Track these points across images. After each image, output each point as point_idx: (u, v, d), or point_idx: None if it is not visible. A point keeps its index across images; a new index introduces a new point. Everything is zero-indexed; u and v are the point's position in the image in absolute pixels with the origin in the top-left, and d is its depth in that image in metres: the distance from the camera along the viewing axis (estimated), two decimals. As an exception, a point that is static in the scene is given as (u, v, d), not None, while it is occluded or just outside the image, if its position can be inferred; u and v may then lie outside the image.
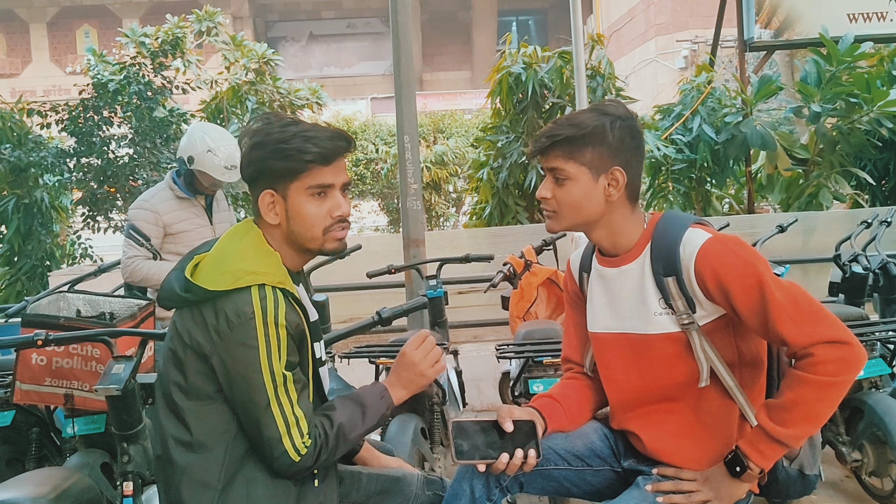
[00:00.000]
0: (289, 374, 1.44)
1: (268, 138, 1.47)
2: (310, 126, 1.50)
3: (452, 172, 11.76)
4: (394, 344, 3.19)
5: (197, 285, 1.42)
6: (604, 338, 1.64)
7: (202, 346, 1.41)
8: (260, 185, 1.50)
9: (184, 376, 1.45)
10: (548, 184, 1.57)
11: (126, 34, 9.32)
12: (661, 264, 1.53)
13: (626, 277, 1.59)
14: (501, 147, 6.64)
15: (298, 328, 1.48)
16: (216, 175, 3.18)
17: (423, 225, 4.51)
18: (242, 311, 1.40)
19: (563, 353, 1.80)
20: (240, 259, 1.45)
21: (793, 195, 6.74)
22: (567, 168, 1.54)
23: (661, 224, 1.59)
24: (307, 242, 1.53)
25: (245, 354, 1.40)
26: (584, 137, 1.53)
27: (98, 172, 5.99)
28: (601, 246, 1.62)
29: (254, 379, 1.40)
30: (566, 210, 1.56)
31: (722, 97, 6.53)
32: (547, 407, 1.63)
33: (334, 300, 4.24)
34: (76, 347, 2.46)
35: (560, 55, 6.24)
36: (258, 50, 11.17)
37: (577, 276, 1.75)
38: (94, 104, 6.04)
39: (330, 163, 1.50)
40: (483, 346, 4.99)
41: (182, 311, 1.47)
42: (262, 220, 1.52)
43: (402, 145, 4.33)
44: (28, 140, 5.87)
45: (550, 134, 1.54)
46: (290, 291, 1.47)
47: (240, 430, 1.46)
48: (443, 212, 12.34)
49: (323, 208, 1.51)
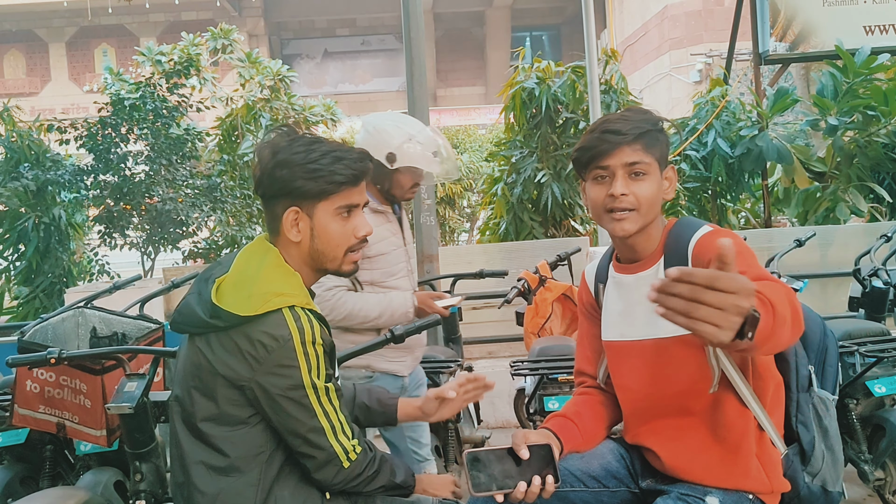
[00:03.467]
0: (329, 385, 1.45)
1: (295, 157, 1.46)
2: (336, 145, 1.51)
3: (466, 187, 11.77)
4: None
5: (226, 310, 1.40)
6: (618, 346, 1.62)
7: (237, 374, 1.40)
8: (283, 202, 1.49)
9: (215, 405, 1.43)
10: (621, 180, 1.52)
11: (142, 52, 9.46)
12: None
13: (642, 284, 1.57)
14: (515, 162, 6.63)
15: (330, 344, 1.49)
16: (425, 166, 2.43)
17: (437, 240, 4.50)
18: (279, 334, 1.39)
19: (577, 366, 1.78)
20: (265, 281, 1.44)
21: (810, 209, 6.66)
22: (647, 161, 1.52)
23: (674, 229, 1.58)
24: (327, 262, 1.53)
25: (286, 374, 1.40)
26: (659, 132, 1.54)
27: (114, 190, 6.05)
28: (632, 250, 1.60)
29: (297, 395, 1.41)
30: (646, 207, 1.54)
31: (737, 111, 6.49)
32: (562, 427, 1.60)
33: (348, 316, 4.23)
34: (66, 379, 2.48)
35: (573, 70, 6.24)
36: (273, 67, 11.27)
37: (592, 287, 1.74)
38: (112, 121, 6.11)
39: (358, 183, 1.52)
40: (497, 361, 4.96)
41: (205, 337, 1.45)
42: (281, 237, 1.52)
43: (416, 161, 4.32)
44: (46, 159, 5.95)
45: (630, 128, 1.52)
46: (316, 311, 1.48)
47: (274, 449, 1.47)
48: (457, 226, 12.33)
49: (348, 228, 1.52)
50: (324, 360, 1.44)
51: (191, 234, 6.67)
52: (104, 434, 2.49)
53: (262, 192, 1.52)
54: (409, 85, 4.36)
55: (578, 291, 1.79)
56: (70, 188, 5.88)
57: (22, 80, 26.67)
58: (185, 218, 6.10)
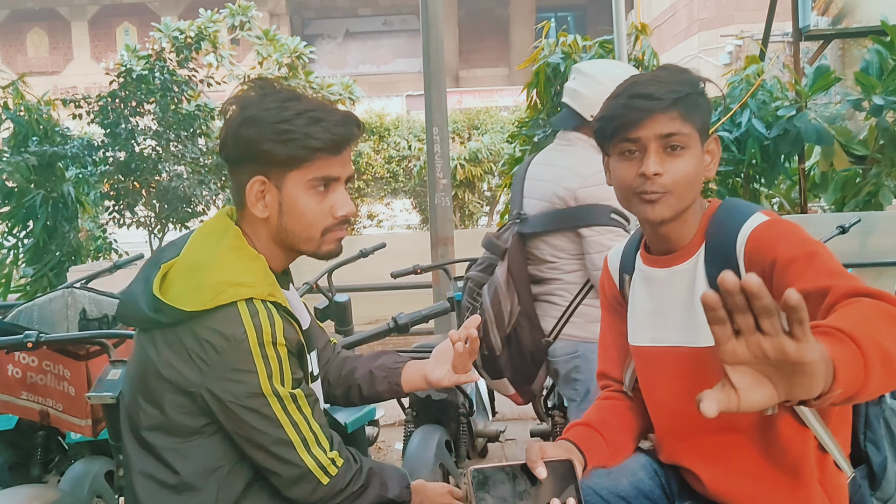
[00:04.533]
0: (297, 391, 1.21)
1: (265, 114, 1.21)
2: (315, 104, 1.25)
3: (487, 170, 11.49)
4: (417, 350, 2.96)
5: (168, 305, 1.17)
6: (648, 352, 1.37)
7: (184, 379, 1.18)
8: (248, 168, 1.25)
9: (161, 413, 1.20)
10: (654, 155, 1.25)
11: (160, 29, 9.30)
12: (715, 264, 1.26)
13: (676, 280, 1.32)
14: (538, 142, 6.35)
15: (298, 343, 1.25)
16: None
17: (452, 222, 4.29)
18: (231, 333, 1.16)
19: (599, 368, 1.53)
20: (219, 268, 1.21)
21: (849, 194, 6.32)
22: (686, 132, 1.25)
23: (718, 215, 1.31)
24: (300, 243, 1.29)
25: (240, 379, 1.17)
26: (699, 96, 1.27)
27: (121, 166, 5.90)
28: (665, 240, 1.34)
29: (256, 404, 1.18)
30: (683, 188, 1.26)
31: (774, 89, 6.14)
32: (585, 438, 1.36)
33: (357, 301, 4.03)
34: (49, 364, 2.31)
35: (601, 45, 5.92)
36: (290, 44, 11.06)
37: (616, 276, 1.48)
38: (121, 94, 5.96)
39: (339, 152, 1.26)
40: (515, 350, 4.74)
41: (150, 333, 1.22)
42: (246, 211, 1.28)
43: (431, 137, 4.10)
44: (55, 133, 5.81)
45: (664, 92, 1.23)
46: (281, 305, 1.23)
47: (237, 463, 1.23)
48: (476, 210, 12.08)
49: (325, 205, 1.27)
50: (288, 364, 1.21)
51: (199, 212, 6.49)
52: (90, 423, 2.32)
53: (225, 155, 1.28)
54: (425, 57, 4.13)
55: (600, 280, 1.54)
56: (75, 163, 5.74)
57: (45, 58, 26.74)
58: (193, 196, 5.93)
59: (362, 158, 12.03)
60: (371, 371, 1.52)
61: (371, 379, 1.51)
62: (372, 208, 13.06)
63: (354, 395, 1.53)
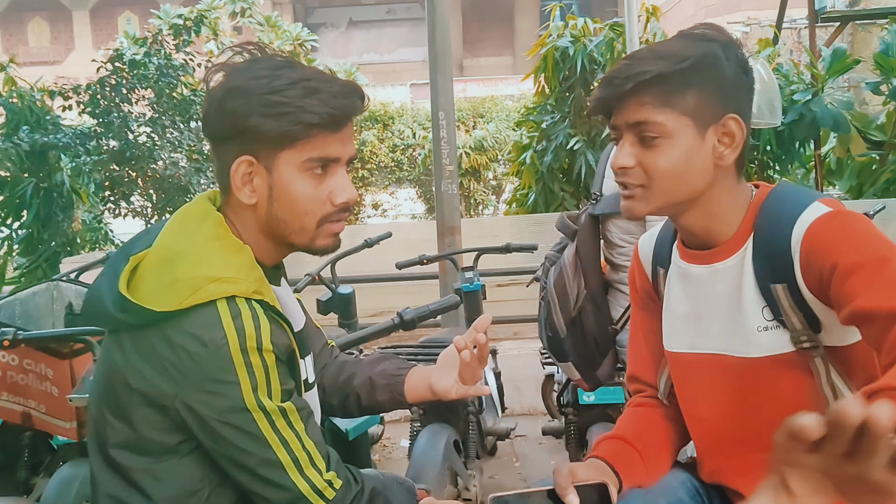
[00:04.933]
0: (287, 405, 1.05)
1: (253, 84, 1.04)
2: (312, 72, 1.07)
3: (492, 158, 11.32)
4: (425, 345, 2.82)
5: (137, 304, 1.01)
6: (685, 360, 1.20)
7: (156, 390, 1.01)
8: (233, 147, 1.07)
9: (131, 428, 1.04)
10: (627, 147, 1.10)
11: (159, 16, 9.14)
12: (766, 263, 1.09)
13: (719, 279, 1.15)
14: (546, 128, 6.19)
15: (288, 349, 1.08)
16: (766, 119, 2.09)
17: (459, 210, 4.13)
18: (209, 337, 1.00)
19: (630, 370, 1.37)
20: (196, 260, 1.04)
21: (865, 181, 6.14)
22: (661, 120, 1.06)
23: (769, 203, 1.12)
24: (293, 235, 1.11)
25: (220, 391, 1.00)
26: (686, 73, 1.05)
27: (114, 155, 5.73)
28: (690, 234, 1.17)
29: (238, 420, 1.01)
30: (662, 183, 1.09)
31: (789, 73, 5.94)
32: (618, 456, 1.19)
33: (362, 292, 3.89)
34: (30, 363, 2.15)
35: (611, 27, 5.75)
36: (292, 31, 10.91)
37: (649, 269, 1.31)
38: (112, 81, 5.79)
39: (340, 128, 1.08)
40: (524, 343, 4.60)
41: (117, 336, 1.06)
42: (231, 196, 1.10)
43: (437, 123, 3.93)
44: (46, 121, 5.65)
45: (631, 73, 1.06)
46: (268, 304, 1.07)
47: (218, 485, 1.07)
48: (483, 199, 11.93)
49: (322, 190, 1.09)
50: (276, 373, 1.04)
51: (196, 201, 6.19)
52: (75, 426, 2.17)
53: (208, 131, 1.10)
54: (430, 39, 3.95)
55: (630, 271, 1.37)
56: (67, 152, 5.58)
57: (46, 48, 26.58)
58: (190, 184, 5.77)
59: (366, 147, 11.88)
60: (371, 378, 1.34)
61: (371, 387, 1.34)
62: (376, 197, 12.91)
63: (352, 404, 1.37)
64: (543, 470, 3.51)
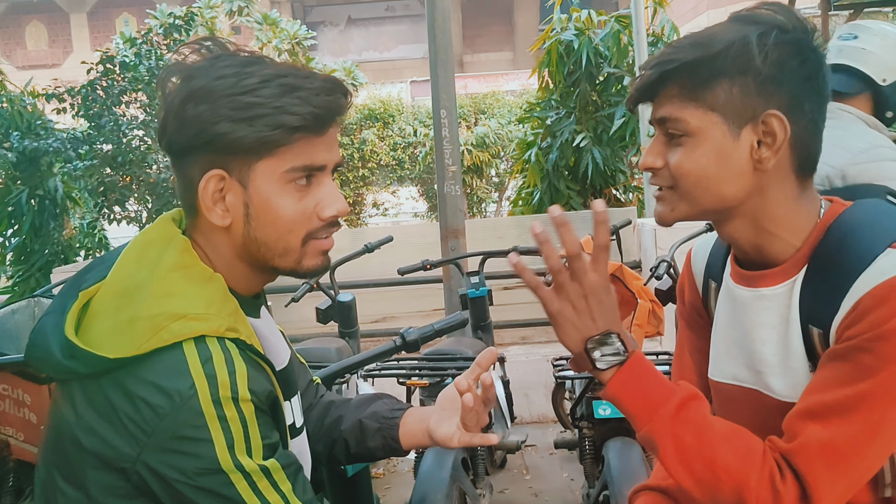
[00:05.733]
0: (270, 463, 0.88)
1: (219, 84, 0.89)
2: (286, 68, 0.92)
3: (494, 154, 11.17)
4: (428, 358, 2.66)
5: (86, 351, 0.86)
6: (728, 391, 1.06)
7: (113, 452, 0.86)
8: (199, 160, 0.92)
9: (85, 495, 0.89)
10: (657, 145, 0.97)
11: (155, 16, 8.99)
12: (814, 301, 0.93)
13: (764, 307, 0.99)
14: (551, 125, 6.02)
15: (270, 395, 0.92)
16: None
17: (463, 213, 3.97)
18: (174, 387, 0.84)
19: None
20: (158, 294, 0.89)
21: None
22: (685, 116, 0.93)
23: (839, 228, 0.95)
24: (276, 258, 0.95)
25: (190, 451, 0.85)
26: (714, 63, 0.92)
27: (105, 159, 5.57)
28: (739, 248, 1.02)
29: (212, 483, 0.86)
30: (687, 187, 0.95)
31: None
32: None
33: (364, 298, 3.75)
34: (6, 388, 2.02)
35: (617, 19, 5.59)
36: (290, 29, 10.75)
37: (700, 281, 1.15)
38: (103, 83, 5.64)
39: (325, 130, 0.93)
40: (532, 348, 4.45)
41: (67, 386, 0.90)
42: (199, 218, 0.95)
43: (439, 121, 3.77)
44: (37, 126, 5.50)
45: (660, 61, 0.94)
46: (244, 342, 0.91)
47: None
48: (485, 197, 11.78)
49: (307, 203, 0.94)
50: (256, 426, 0.88)
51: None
52: None
53: (167, 143, 0.94)
54: (430, 33, 3.79)
55: (679, 281, 1.21)
56: (57, 157, 5.43)
57: (44, 51, 26.46)
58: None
59: (367, 146, 11.73)
60: (361, 421, 1.19)
61: (361, 432, 1.18)
62: (377, 197, 12.77)
63: (339, 451, 1.21)
64: (555, 483, 3.37)
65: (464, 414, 1.10)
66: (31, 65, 24.59)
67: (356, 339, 3.29)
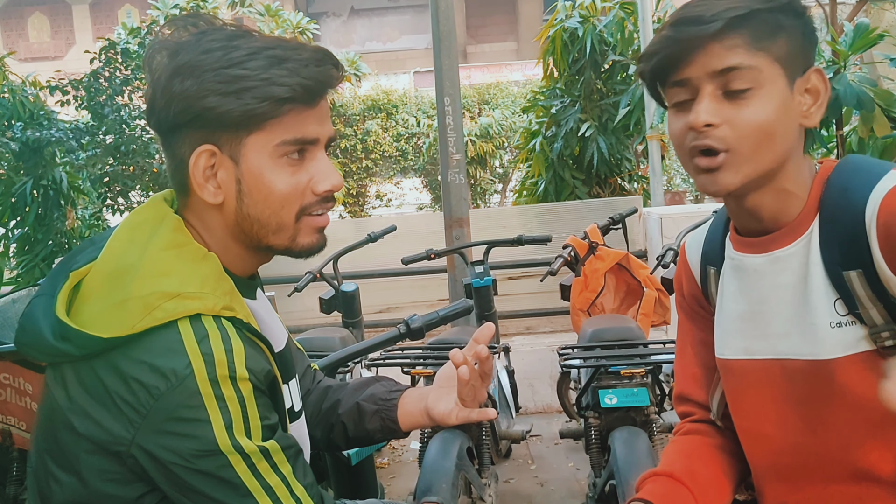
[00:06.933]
0: (270, 444, 0.86)
1: (205, 59, 0.87)
2: (274, 40, 0.90)
3: (498, 145, 11.12)
4: (433, 347, 2.64)
5: (79, 331, 0.84)
6: (741, 367, 1.03)
7: (107, 435, 0.84)
8: (188, 136, 0.90)
9: (80, 482, 0.86)
10: (707, 102, 0.92)
11: (157, 7, 8.95)
12: (837, 247, 0.93)
13: (780, 269, 0.98)
14: (556, 113, 5.99)
15: (268, 375, 0.89)
16: None
17: (467, 202, 3.94)
18: (169, 366, 0.82)
19: (678, 389, 1.19)
20: (151, 273, 0.86)
21: (889, 162, 5.90)
22: (756, 64, 0.91)
23: (837, 177, 0.96)
24: (270, 236, 0.93)
25: (187, 432, 0.83)
26: (779, 14, 0.92)
27: (108, 150, 5.56)
28: (756, 217, 0.99)
29: (210, 465, 0.84)
30: (753, 144, 0.92)
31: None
32: (669, 497, 1.02)
33: (367, 288, 3.74)
34: (7, 377, 2.01)
35: (622, 6, 5.54)
36: (293, 20, 10.71)
37: (698, 271, 1.13)
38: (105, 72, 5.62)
39: (316, 102, 0.91)
40: (537, 338, 4.43)
41: (59, 369, 0.88)
42: (191, 196, 0.93)
43: (443, 109, 3.74)
44: (41, 117, 5.49)
45: (717, 10, 0.90)
46: (241, 321, 0.89)
47: None
48: (489, 187, 11.75)
49: (300, 178, 0.92)
50: (255, 406, 0.86)
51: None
52: None
53: (155, 122, 0.92)
54: (433, 19, 3.75)
55: (676, 275, 1.19)
56: (60, 147, 5.42)
57: (47, 43, 26.44)
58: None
59: (370, 137, 11.69)
60: (359, 404, 1.17)
61: (359, 415, 1.16)
62: (381, 188, 12.74)
63: (338, 436, 1.19)
64: (560, 473, 3.35)
65: (460, 388, 1.08)
66: (34, 56, 24.59)
67: (360, 329, 3.28)
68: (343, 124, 11.70)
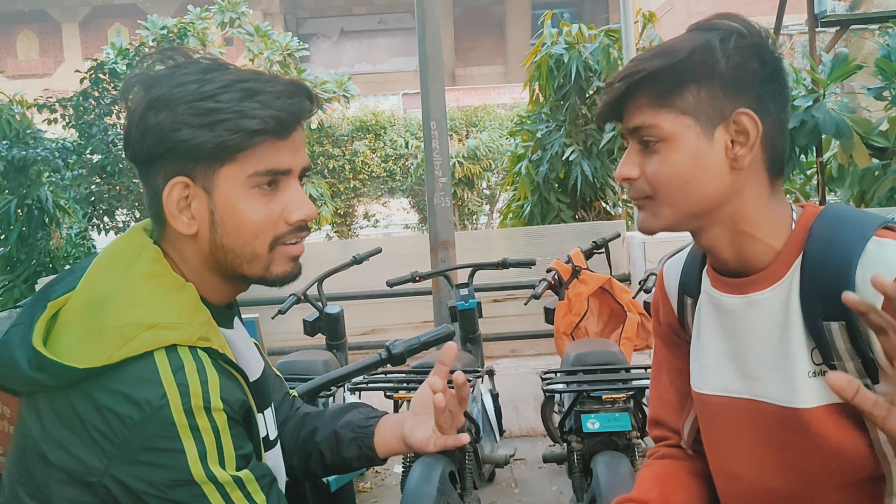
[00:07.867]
0: (244, 473, 0.87)
1: (179, 91, 0.88)
2: (247, 73, 0.92)
3: (486, 167, 11.20)
4: (416, 371, 2.65)
5: (54, 361, 0.84)
6: (717, 404, 1.04)
7: (80, 466, 0.84)
8: (163, 168, 0.91)
9: None
10: (632, 156, 0.98)
11: (146, 27, 8.98)
12: (819, 297, 0.93)
13: (757, 313, 0.99)
14: (541, 137, 6.05)
15: (243, 405, 0.90)
16: None
17: (453, 224, 3.96)
18: (144, 397, 0.83)
19: (652, 413, 1.20)
20: (128, 303, 0.87)
21: (867, 189, 5.99)
22: (659, 122, 0.94)
23: (822, 227, 0.96)
24: (244, 265, 0.94)
25: (161, 462, 0.83)
26: (680, 68, 0.93)
27: (93, 169, 5.54)
28: (718, 258, 1.01)
29: (184, 495, 0.84)
30: (668, 193, 0.96)
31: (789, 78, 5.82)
32: None
33: (352, 309, 3.73)
34: None
35: (607, 33, 5.63)
36: (282, 41, 10.78)
37: (675, 300, 1.14)
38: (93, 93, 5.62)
39: (288, 134, 0.92)
40: (522, 361, 4.43)
41: (34, 399, 0.88)
42: (167, 227, 0.94)
43: (429, 133, 3.77)
44: (27, 135, 5.47)
45: (626, 74, 0.95)
46: (216, 352, 0.89)
47: None
48: (476, 209, 11.80)
49: (273, 208, 0.93)
50: (229, 435, 0.87)
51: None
52: None
53: (131, 153, 0.93)
54: (420, 45, 3.79)
55: (654, 300, 1.22)
56: (45, 165, 5.40)
57: (35, 60, 26.41)
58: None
59: (358, 157, 11.74)
60: (336, 432, 1.16)
61: (336, 442, 1.16)
62: (368, 208, 12.77)
63: (315, 463, 1.18)
64: (544, 497, 3.34)
65: (437, 415, 1.08)
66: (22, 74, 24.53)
67: (344, 352, 3.26)
68: (331, 145, 11.75)
